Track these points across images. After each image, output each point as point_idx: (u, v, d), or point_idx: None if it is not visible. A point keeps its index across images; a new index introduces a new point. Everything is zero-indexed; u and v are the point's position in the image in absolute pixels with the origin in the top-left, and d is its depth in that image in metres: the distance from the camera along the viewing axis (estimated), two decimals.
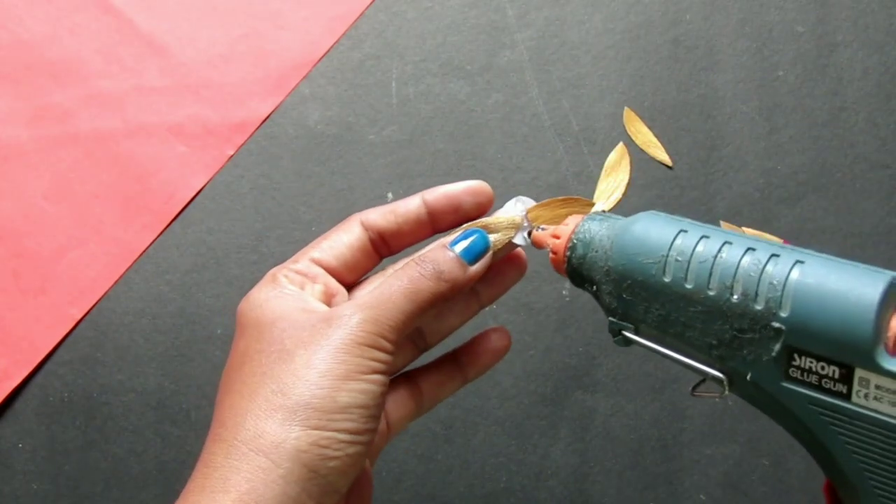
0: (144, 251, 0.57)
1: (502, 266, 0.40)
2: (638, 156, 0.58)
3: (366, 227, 0.38)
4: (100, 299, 0.56)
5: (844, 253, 0.57)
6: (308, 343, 0.33)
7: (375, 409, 0.33)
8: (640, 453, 0.55)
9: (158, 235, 0.57)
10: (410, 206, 0.38)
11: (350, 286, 0.38)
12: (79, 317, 0.56)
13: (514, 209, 0.39)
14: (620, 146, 0.57)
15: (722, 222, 0.57)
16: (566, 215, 0.39)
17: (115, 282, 0.57)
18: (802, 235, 0.57)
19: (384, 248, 0.38)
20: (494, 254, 0.38)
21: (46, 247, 0.57)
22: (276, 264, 0.38)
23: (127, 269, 0.57)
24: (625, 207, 0.58)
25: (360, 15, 0.60)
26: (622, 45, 0.59)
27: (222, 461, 0.31)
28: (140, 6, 0.60)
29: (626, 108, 0.58)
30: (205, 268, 0.57)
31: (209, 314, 0.56)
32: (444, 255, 0.36)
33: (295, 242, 0.57)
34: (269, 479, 0.30)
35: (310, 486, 0.31)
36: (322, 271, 0.37)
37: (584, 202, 0.40)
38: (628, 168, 0.56)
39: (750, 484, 0.55)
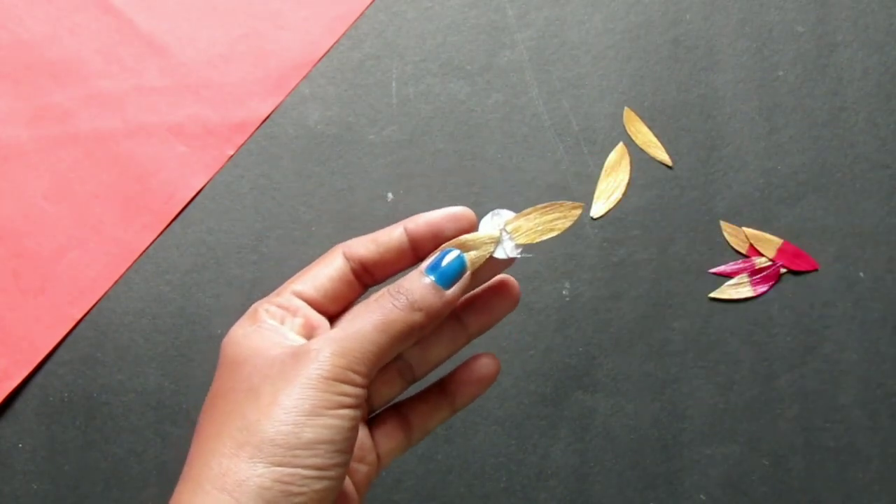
0: (144, 251, 0.57)
1: (490, 294, 0.39)
2: (638, 156, 0.58)
3: (348, 258, 0.37)
4: (100, 299, 0.56)
5: (844, 253, 0.57)
6: (275, 379, 0.32)
7: (343, 444, 0.32)
8: (640, 453, 0.55)
9: (158, 235, 0.57)
10: (392, 235, 0.37)
11: (333, 318, 0.38)
12: (79, 317, 0.56)
13: (492, 223, 0.37)
14: (620, 146, 0.57)
15: (722, 222, 0.57)
16: (551, 222, 0.38)
17: (115, 282, 0.57)
18: (802, 235, 0.57)
19: (367, 277, 0.38)
20: (475, 273, 0.37)
21: (46, 247, 0.57)
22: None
23: (127, 269, 0.57)
24: (625, 207, 0.58)
25: (360, 15, 0.60)
26: (622, 45, 0.59)
27: (188, 499, 0.31)
28: (140, 6, 0.60)
29: (626, 108, 0.58)
30: (205, 268, 0.57)
31: (209, 314, 0.56)
32: (418, 282, 0.35)
33: (295, 242, 0.57)
34: None
35: None
36: (303, 304, 0.37)
37: (568, 206, 0.38)
38: (628, 168, 0.56)
39: (750, 484, 0.55)
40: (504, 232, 0.37)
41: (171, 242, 0.57)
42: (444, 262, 0.36)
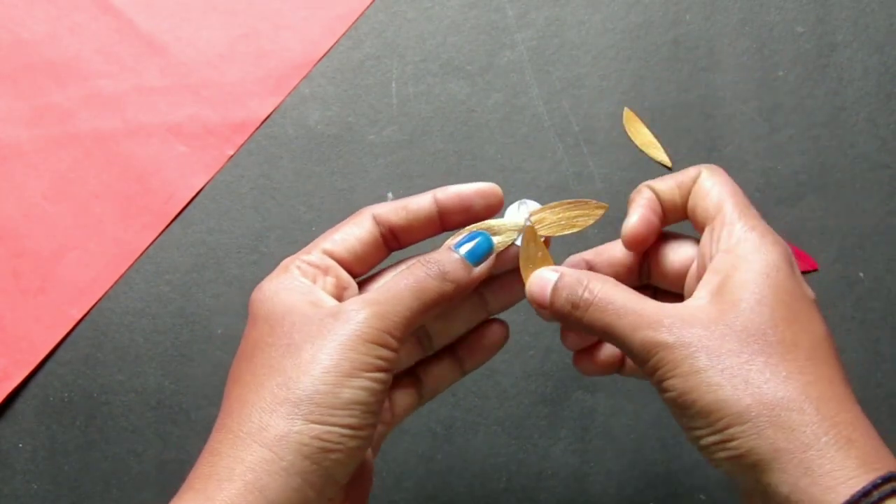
0: (144, 251, 0.57)
1: (513, 276, 0.40)
2: (638, 156, 0.58)
3: (377, 222, 0.38)
4: (100, 299, 0.56)
5: (844, 253, 0.57)
6: (315, 338, 0.34)
7: (376, 406, 0.34)
8: (640, 453, 0.55)
9: (158, 235, 0.57)
10: (422, 203, 0.38)
11: (360, 278, 0.39)
12: (79, 317, 0.56)
13: (518, 213, 0.39)
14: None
15: None
16: (574, 218, 0.40)
17: (115, 282, 0.57)
18: (802, 235, 0.57)
19: (394, 242, 0.39)
20: (498, 256, 0.38)
21: (46, 247, 0.57)
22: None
23: (127, 269, 0.57)
24: (626, 206, 0.58)
25: (360, 15, 0.60)
26: (622, 45, 0.59)
27: (228, 451, 0.32)
28: (140, 6, 0.60)
29: (625, 108, 0.58)
30: (205, 268, 0.57)
31: (209, 314, 0.56)
32: (448, 256, 0.37)
33: (295, 242, 0.57)
34: (272, 470, 0.31)
35: (311, 478, 0.32)
36: (334, 263, 0.38)
37: (593, 205, 0.40)
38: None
39: None
40: (528, 221, 0.39)
41: (171, 242, 0.57)
42: (474, 242, 0.37)
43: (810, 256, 0.57)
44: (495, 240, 0.38)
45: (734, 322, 0.33)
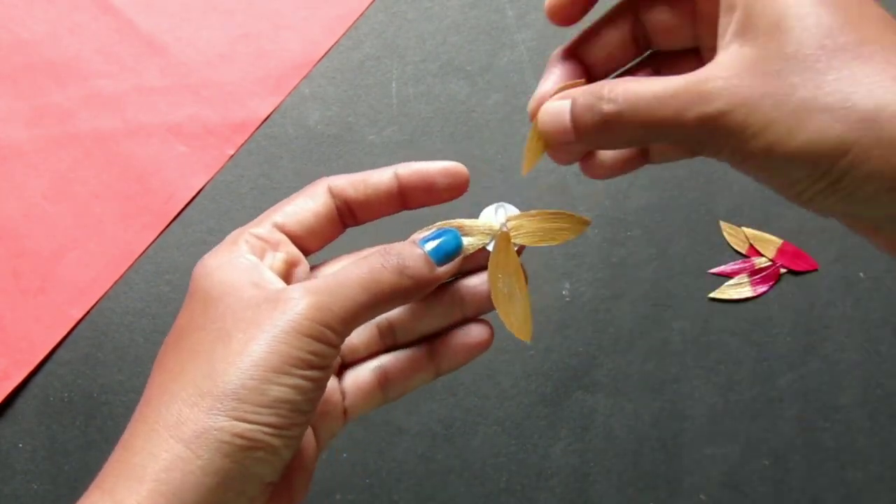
0: (144, 251, 0.57)
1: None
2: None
3: (333, 194, 0.36)
4: (100, 299, 0.56)
5: (844, 253, 0.57)
6: (249, 326, 0.31)
7: (306, 405, 0.31)
8: (640, 453, 0.55)
9: (158, 235, 0.57)
10: (383, 177, 0.36)
11: (312, 254, 0.37)
12: (79, 317, 0.56)
13: (495, 216, 0.37)
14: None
15: (722, 222, 0.57)
16: (554, 231, 0.37)
17: (115, 282, 0.56)
18: (802, 235, 0.57)
19: (350, 218, 0.37)
20: (466, 258, 0.36)
21: (46, 247, 0.57)
22: None
23: (127, 269, 0.57)
24: (625, 207, 0.58)
25: (360, 15, 0.60)
26: None
27: (142, 445, 0.30)
28: (140, 6, 0.60)
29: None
30: None
31: None
32: (411, 250, 0.34)
33: None
34: (187, 469, 0.29)
35: (230, 478, 0.30)
36: (284, 238, 0.35)
37: (576, 219, 0.37)
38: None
39: (750, 484, 0.55)
40: (504, 227, 0.37)
41: (171, 242, 0.57)
42: (441, 240, 0.35)
43: (810, 256, 0.57)
44: (465, 241, 0.36)
45: (786, 46, 0.27)
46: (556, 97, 0.32)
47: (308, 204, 0.36)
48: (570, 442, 0.55)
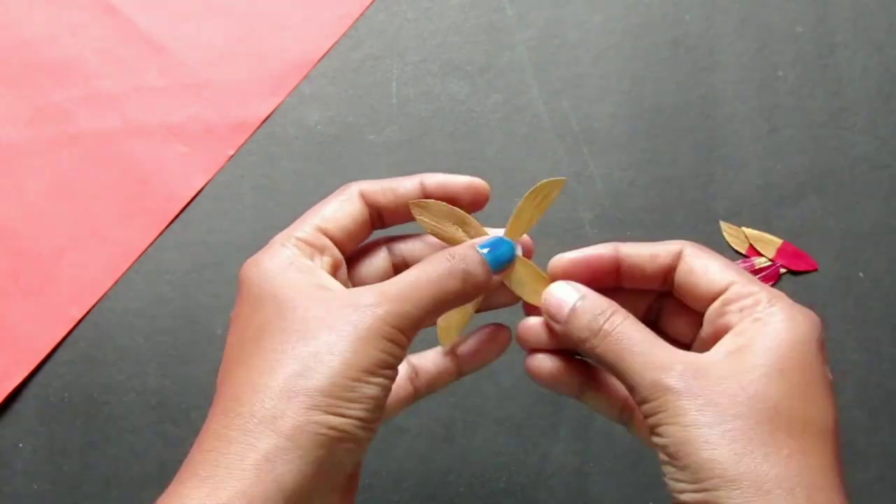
0: (144, 251, 0.57)
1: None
2: (637, 156, 0.58)
3: (365, 199, 0.38)
4: (100, 299, 0.56)
5: (844, 253, 0.57)
6: (332, 327, 0.33)
7: (384, 401, 0.34)
8: (640, 453, 0.55)
9: (158, 235, 0.57)
10: (409, 188, 0.38)
11: (347, 257, 0.39)
12: (79, 317, 0.56)
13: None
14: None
15: (722, 222, 0.57)
16: (535, 208, 0.38)
17: (115, 282, 0.56)
18: (802, 235, 0.57)
19: (378, 221, 0.39)
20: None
21: (46, 247, 0.57)
22: None
23: (127, 269, 0.57)
24: (625, 207, 0.58)
25: (360, 15, 0.60)
26: (622, 45, 0.59)
27: (238, 437, 0.31)
28: (140, 6, 0.60)
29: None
30: (205, 268, 0.57)
31: (209, 314, 0.56)
32: (474, 256, 0.36)
33: None
34: (287, 458, 0.31)
35: (324, 466, 0.32)
36: (329, 242, 0.37)
37: (549, 185, 0.39)
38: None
39: None
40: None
41: (171, 242, 0.57)
42: (499, 249, 0.37)
43: (810, 256, 0.57)
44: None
45: (748, 386, 0.32)
46: (571, 285, 0.37)
47: (346, 208, 0.38)
48: (570, 442, 0.55)
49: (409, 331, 0.34)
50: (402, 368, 0.40)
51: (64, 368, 0.55)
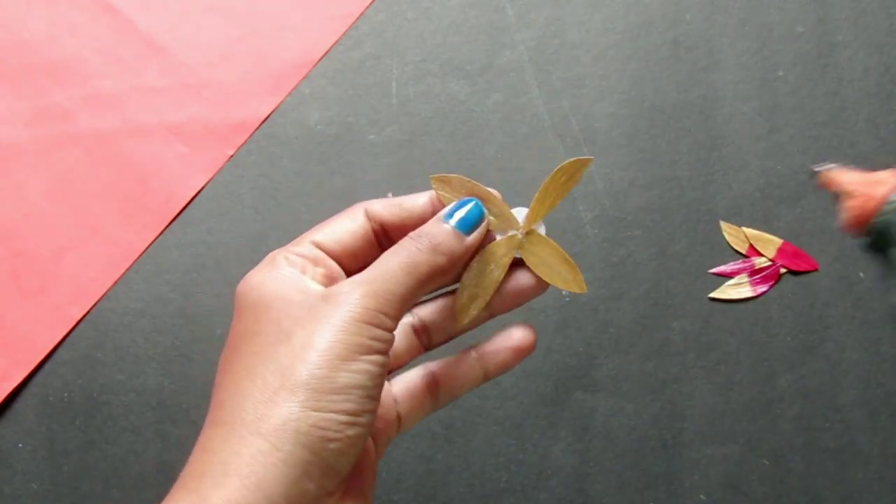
0: (144, 251, 0.57)
1: (520, 281, 0.39)
2: (637, 156, 0.58)
3: (369, 217, 0.38)
4: (100, 299, 0.56)
5: (844, 253, 0.57)
6: (307, 322, 0.33)
7: (374, 390, 0.33)
8: (640, 453, 0.55)
9: (158, 235, 0.57)
10: (417, 203, 0.38)
11: (351, 274, 0.38)
12: (79, 317, 0.56)
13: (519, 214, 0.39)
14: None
15: (722, 222, 0.57)
16: (561, 186, 0.38)
17: (115, 282, 0.56)
18: (802, 235, 0.57)
19: (385, 239, 0.38)
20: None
21: (46, 247, 0.57)
22: None
23: (127, 269, 0.57)
24: (625, 207, 0.58)
25: (360, 15, 0.60)
26: (622, 45, 0.59)
27: (221, 445, 0.31)
28: (140, 6, 0.60)
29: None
30: (205, 268, 0.57)
31: (209, 314, 0.56)
32: (439, 227, 0.36)
33: None
34: (269, 462, 0.30)
35: (310, 469, 0.31)
36: (323, 255, 0.37)
37: (576, 164, 0.39)
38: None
39: (750, 484, 0.55)
40: (521, 233, 0.38)
41: (171, 242, 0.57)
42: (465, 210, 0.37)
43: (810, 256, 0.57)
44: (490, 219, 0.37)
45: None
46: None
47: (346, 224, 0.38)
48: (570, 442, 0.55)
49: (389, 310, 0.33)
50: (420, 376, 0.39)
51: (64, 368, 0.55)
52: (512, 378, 0.56)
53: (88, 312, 0.56)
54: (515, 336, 0.39)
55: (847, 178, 0.36)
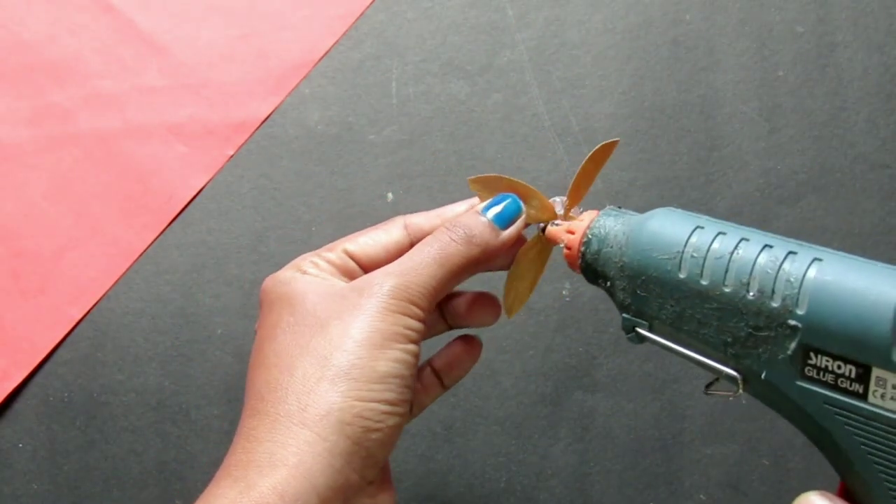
0: (144, 251, 0.57)
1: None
2: (637, 156, 0.58)
3: (410, 230, 0.38)
4: (100, 299, 0.56)
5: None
6: (342, 313, 0.33)
7: (410, 379, 0.33)
8: (640, 453, 0.55)
9: (158, 235, 0.57)
10: (458, 211, 0.38)
11: None
12: (79, 317, 0.56)
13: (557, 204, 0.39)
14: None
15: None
16: (592, 171, 0.39)
17: (115, 282, 0.56)
18: (802, 235, 0.57)
19: None
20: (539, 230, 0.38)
21: (46, 247, 0.57)
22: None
23: (127, 269, 0.57)
24: (625, 206, 0.58)
25: (360, 15, 0.60)
26: (622, 45, 0.59)
27: (266, 435, 0.32)
28: (140, 6, 0.60)
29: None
30: (205, 268, 0.57)
31: (209, 314, 0.56)
32: (475, 219, 0.36)
33: (295, 242, 0.57)
34: (315, 451, 0.31)
35: (353, 458, 0.32)
36: (355, 266, 0.37)
37: (604, 147, 0.40)
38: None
39: (750, 484, 0.55)
40: (555, 225, 0.39)
41: (171, 242, 0.57)
42: (503, 205, 0.37)
43: None
44: (527, 209, 0.38)
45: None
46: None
47: (381, 237, 0.38)
48: (570, 442, 0.55)
49: (421, 301, 0.34)
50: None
51: (64, 368, 0.55)
52: (512, 378, 0.56)
53: (88, 312, 0.56)
54: (463, 346, 0.41)
55: (556, 227, 0.38)
